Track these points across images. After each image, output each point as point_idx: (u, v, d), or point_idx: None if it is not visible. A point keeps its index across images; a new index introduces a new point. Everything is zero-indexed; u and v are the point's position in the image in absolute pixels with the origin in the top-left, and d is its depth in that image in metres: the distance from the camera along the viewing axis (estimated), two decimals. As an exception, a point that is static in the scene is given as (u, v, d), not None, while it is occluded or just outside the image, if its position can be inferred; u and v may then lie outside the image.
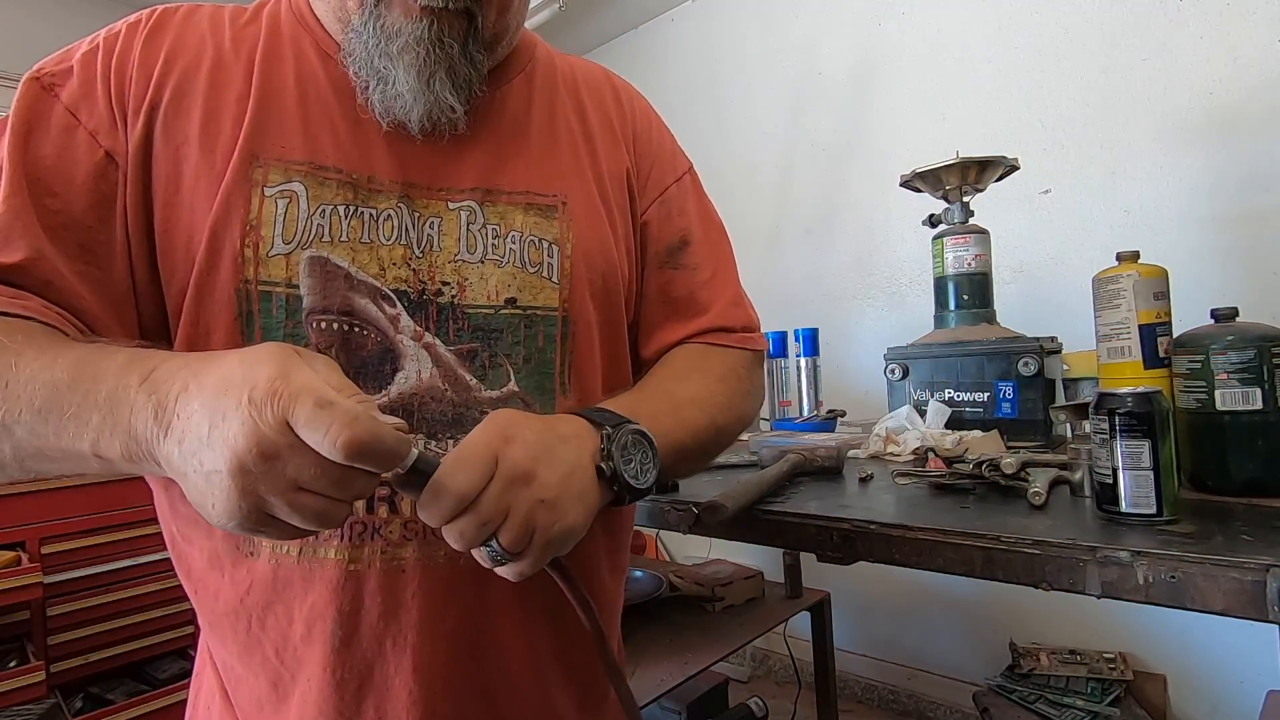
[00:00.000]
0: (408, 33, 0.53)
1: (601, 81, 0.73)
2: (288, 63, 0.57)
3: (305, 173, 0.54)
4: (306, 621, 0.53)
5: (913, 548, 0.67)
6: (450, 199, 0.58)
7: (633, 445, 0.51)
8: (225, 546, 0.54)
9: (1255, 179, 1.72)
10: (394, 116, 0.56)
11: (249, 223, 0.52)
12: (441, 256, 0.57)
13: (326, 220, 0.54)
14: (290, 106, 0.56)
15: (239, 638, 0.55)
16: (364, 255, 0.55)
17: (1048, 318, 1.68)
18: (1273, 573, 0.50)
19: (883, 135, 2.36)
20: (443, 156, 0.59)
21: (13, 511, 1.81)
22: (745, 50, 2.72)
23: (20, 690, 1.70)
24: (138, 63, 0.54)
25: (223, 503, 0.37)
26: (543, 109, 0.65)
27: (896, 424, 1.10)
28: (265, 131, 0.54)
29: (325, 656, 0.53)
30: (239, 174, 0.53)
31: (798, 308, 2.53)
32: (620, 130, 0.70)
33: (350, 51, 0.56)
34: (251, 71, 0.56)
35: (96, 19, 2.67)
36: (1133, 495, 0.65)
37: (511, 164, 0.61)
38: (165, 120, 0.53)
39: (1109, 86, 1.91)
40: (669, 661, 1.43)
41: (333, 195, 0.55)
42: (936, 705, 2.24)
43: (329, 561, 0.52)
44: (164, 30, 0.56)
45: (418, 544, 0.53)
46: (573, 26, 2.99)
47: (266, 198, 0.53)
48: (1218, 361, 0.76)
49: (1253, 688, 1.68)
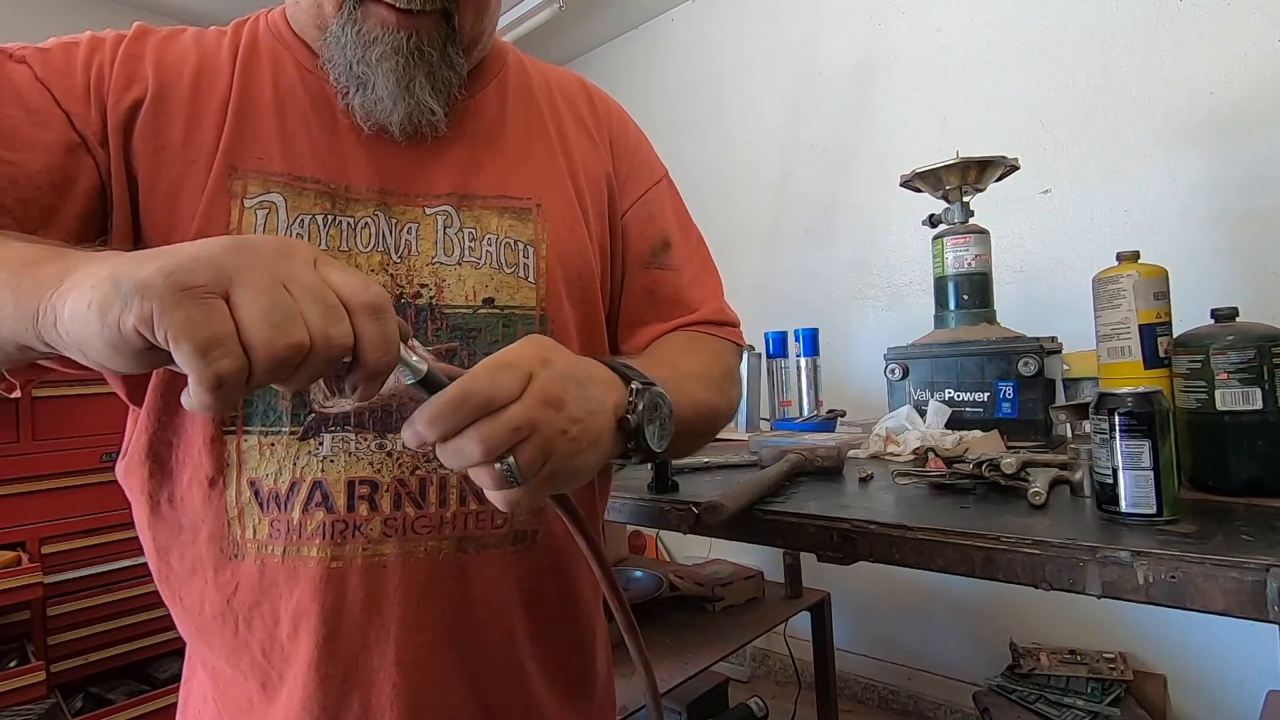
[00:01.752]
0: (386, 41, 0.54)
1: (576, 88, 0.73)
2: (265, 75, 0.58)
3: (284, 183, 0.55)
4: (293, 620, 0.53)
5: (913, 548, 0.67)
6: (427, 204, 0.59)
7: (654, 407, 0.49)
8: (209, 551, 0.55)
9: (1255, 179, 1.72)
10: (375, 120, 0.57)
11: (229, 233, 0.53)
12: (419, 260, 0.58)
13: (305, 230, 0.55)
14: (268, 118, 0.57)
15: (226, 641, 0.55)
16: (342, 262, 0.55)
17: (1048, 318, 1.69)
18: (1273, 573, 0.50)
19: (883, 135, 2.36)
20: (418, 163, 0.60)
21: (13, 511, 1.81)
22: (745, 50, 2.72)
23: (20, 690, 1.70)
24: (120, 59, 0.55)
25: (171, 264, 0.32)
26: (517, 113, 0.66)
27: (896, 424, 1.10)
28: (243, 143, 0.55)
29: (311, 653, 0.53)
30: (218, 185, 0.53)
31: (798, 308, 2.53)
32: (597, 133, 0.71)
33: (329, 58, 0.56)
34: (231, 84, 0.57)
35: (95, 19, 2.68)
36: (1133, 495, 0.65)
37: (486, 168, 0.62)
38: (144, 121, 0.54)
39: (1109, 86, 1.91)
40: (669, 661, 1.43)
41: (311, 205, 0.56)
42: (936, 705, 2.24)
43: (312, 560, 0.53)
44: (146, 38, 0.57)
45: (398, 540, 0.54)
46: (573, 26, 2.99)
47: (246, 209, 0.54)
48: (1218, 361, 0.76)
49: (1253, 688, 1.68)
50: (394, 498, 0.55)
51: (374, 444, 0.55)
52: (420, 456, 0.55)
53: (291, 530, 0.53)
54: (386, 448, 0.55)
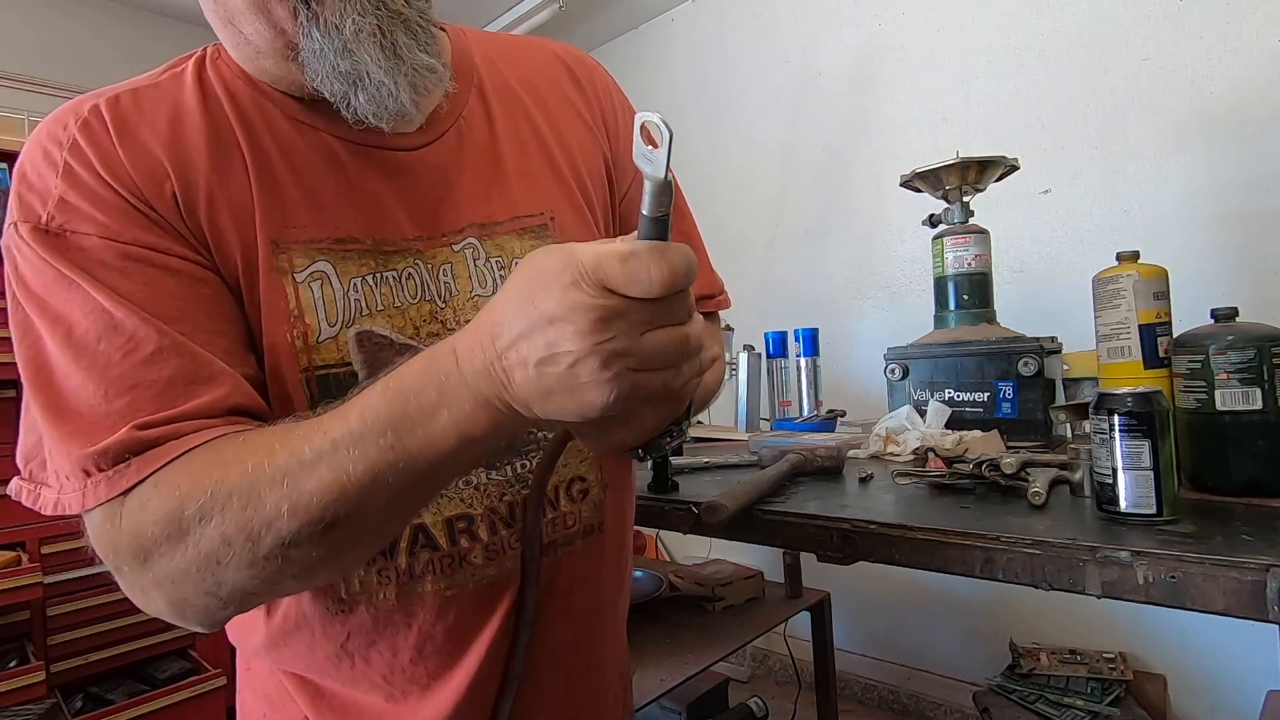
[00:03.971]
0: (350, 10, 0.50)
1: (557, 68, 0.70)
2: (266, 139, 0.55)
3: (326, 248, 0.54)
4: (415, 647, 0.56)
5: (913, 548, 0.67)
6: (452, 241, 0.59)
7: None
8: (314, 609, 0.55)
9: (1255, 179, 1.72)
10: (387, 110, 0.54)
11: (291, 313, 0.52)
12: (460, 299, 0.58)
13: (360, 294, 0.55)
14: (287, 184, 0.54)
15: (341, 675, 0.57)
16: (399, 320, 0.56)
17: (1048, 318, 1.68)
18: (1273, 573, 0.50)
19: (883, 135, 2.36)
20: (435, 201, 0.59)
21: (13, 512, 1.81)
22: (745, 50, 2.72)
23: (20, 690, 1.70)
24: (132, 166, 0.49)
25: (595, 383, 0.37)
26: (505, 122, 0.64)
27: (896, 424, 1.10)
28: (275, 215, 0.53)
29: (440, 670, 0.57)
30: (268, 265, 0.52)
31: (798, 308, 2.53)
32: (590, 116, 0.69)
33: (314, 73, 0.52)
34: (243, 158, 0.53)
35: (86, 21, 2.68)
36: (1133, 495, 0.65)
37: (495, 194, 0.61)
38: (193, 219, 0.51)
39: (1109, 86, 1.91)
40: (669, 661, 1.43)
41: (357, 267, 0.55)
42: (936, 705, 2.24)
43: (428, 593, 0.56)
44: (127, 125, 0.51)
45: (500, 560, 0.58)
46: (573, 26, 2.99)
47: (299, 284, 0.53)
48: (1218, 361, 0.76)
49: (1253, 688, 1.68)
50: (489, 525, 0.57)
51: (460, 481, 0.56)
52: (504, 483, 0.58)
53: (401, 574, 0.55)
54: (473, 482, 0.57)
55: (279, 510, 0.41)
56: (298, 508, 0.41)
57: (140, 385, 0.45)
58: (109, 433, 0.44)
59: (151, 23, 2.75)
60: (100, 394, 0.45)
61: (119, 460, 0.44)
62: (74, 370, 0.46)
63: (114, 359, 0.46)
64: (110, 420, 0.44)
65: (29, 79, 2.47)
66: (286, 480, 0.41)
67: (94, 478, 0.44)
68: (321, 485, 0.41)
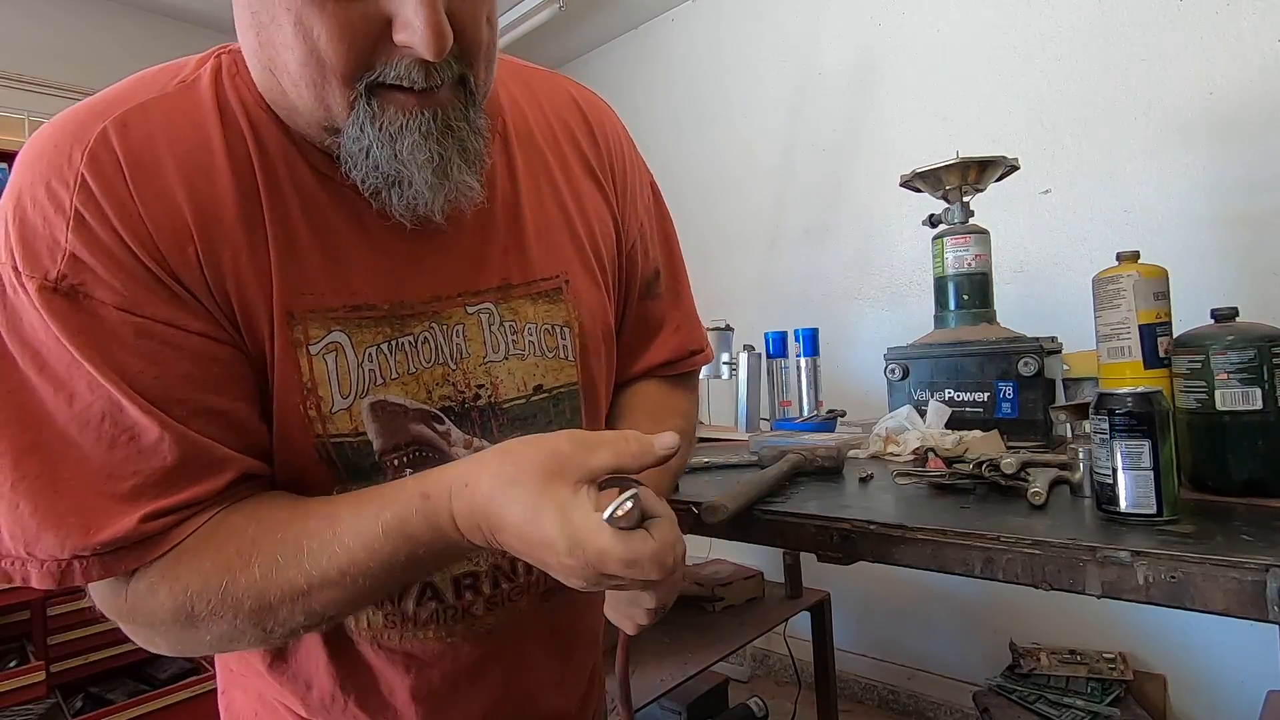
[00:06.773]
0: (412, 128, 0.48)
1: (572, 113, 0.68)
2: (289, 194, 0.51)
3: (341, 317, 0.52)
4: (410, 689, 0.60)
5: (912, 548, 0.67)
6: (467, 303, 0.58)
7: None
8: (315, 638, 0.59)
9: (1255, 179, 1.72)
10: (416, 214, 0.52)
11: (304, 386, 0.51)
12: (471, 362, 0.58)
13: (375, 364, 0.54)
14: (307, 246, 0.51)
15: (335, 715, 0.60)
16: (413, 386, 0.55)
17: (1048, 318, 1.69)
18: (1273, 573, 0.50)
19: (883, 135, 2.36)
20: (457, 262, 0.57)
21: (13, 511, 1.81)
22: (745, 50, 2.72)
23: (20, 690, 1.70)
24: (152, 223, 0.46)
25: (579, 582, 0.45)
26: (528, 178, 0.62)
27: (896, 424, 1.10)
28: (291, 283, 0.50)
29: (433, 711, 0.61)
30: (283, 337, 0.50)
31: (798, 308, 2.53)
32: (600, 169, 0.68)
33: (352, 162, 0.49)
34: (263, 216, 0.50)
35: (91, 20, 2.67)
36: (1133, 495, 0.65)
37: (514, 256, 0.60)
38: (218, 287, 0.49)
39: (1109, 86, 1.91)
40: (669, 661, 1.43)
41: (373, 336, 0.54)
42: (936, 705, 2.24)
43: (430, 639, 0.59)
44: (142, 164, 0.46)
45: (499, 611, 0.61)
46: (573, 26, 2.99)
47: (314, 356, 0.51)
48: (1218, 361, 0.76)
49: (1253, 688, 1.68)
50: (492, 580, 0.60)
51: None
52: None
53: (406, 620, 0.58)
54: None
55: (292, 615, 0.46)
56: (311, 614, 0.47)
57: (143, 472, 0.45)
58: (113, 520, 0.44)
59: (154, 22, 2.74)
60: (104, 475, 0.44)
61: (121, 546, 0.45)
62: (71, 444, 0.44)
63: (119, 440, 0.45)
64: (114, 505, 0.44)
65: (29, 79, 2.47)
66: (300, 598, 0.46)
67: (88, 561, 0.44)
68: (333, 601, 0.47)
